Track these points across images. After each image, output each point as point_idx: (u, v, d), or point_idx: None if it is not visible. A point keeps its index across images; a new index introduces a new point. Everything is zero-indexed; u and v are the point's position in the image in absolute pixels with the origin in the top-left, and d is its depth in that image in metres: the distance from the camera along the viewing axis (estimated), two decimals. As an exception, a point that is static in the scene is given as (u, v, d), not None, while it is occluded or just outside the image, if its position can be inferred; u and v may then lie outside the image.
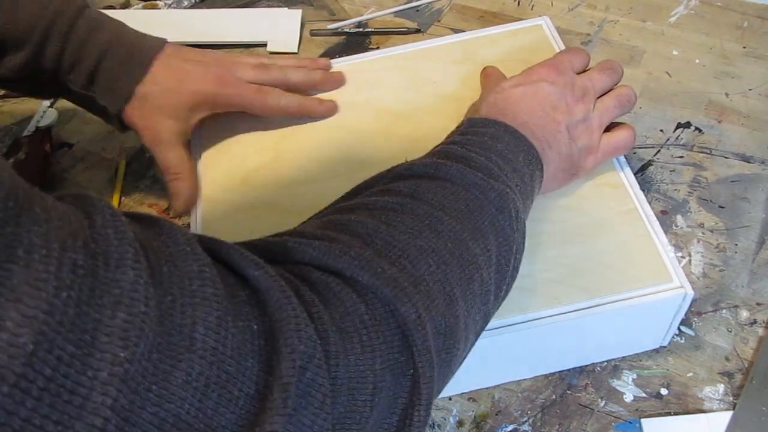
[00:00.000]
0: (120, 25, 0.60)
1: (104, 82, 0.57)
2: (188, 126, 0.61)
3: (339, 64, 0.68)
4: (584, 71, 0.58)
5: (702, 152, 0.71)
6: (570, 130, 0.53)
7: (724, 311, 0.60)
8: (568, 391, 0.57)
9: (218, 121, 0.64)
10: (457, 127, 0.52)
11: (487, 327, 0.49)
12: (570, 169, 0.54)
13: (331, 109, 0.64)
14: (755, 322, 0.59)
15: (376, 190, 0.45)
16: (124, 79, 0.57)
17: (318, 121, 0.64)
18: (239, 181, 0.60)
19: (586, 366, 0.58)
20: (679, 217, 0.66)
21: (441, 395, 0.57)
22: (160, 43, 0.60)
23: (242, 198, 0.59)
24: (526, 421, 0.56)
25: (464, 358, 0.42)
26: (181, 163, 0.60)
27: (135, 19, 0.91)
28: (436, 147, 0.49)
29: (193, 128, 0.61)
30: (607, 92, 0.57)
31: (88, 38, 0.57)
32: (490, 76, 0.61)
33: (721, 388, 0.56)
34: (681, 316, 0.53)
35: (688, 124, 0.73)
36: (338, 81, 0.66)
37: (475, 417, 0.56)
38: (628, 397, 0.56)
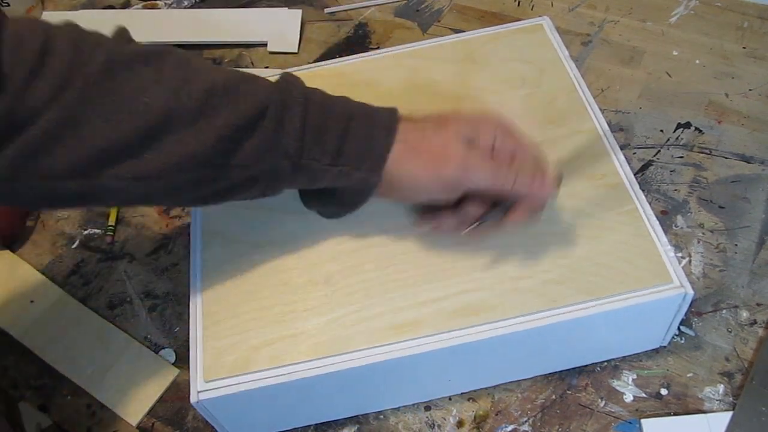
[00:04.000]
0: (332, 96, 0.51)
1: (355, 147, 0.48)
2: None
3: (339, 64, 0.68)
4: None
5: (702, 153, 0.71)
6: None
7: (724, 312, 0.60)
8: (568, 392, 0.57)
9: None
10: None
11: (488, 327, 0.50)
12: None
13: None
14: (755, 322, 0.59)
15: None
16: (380, 138, 0.49)
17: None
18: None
19: (586, 366, 0.58)
20: (679, 218, 0.66)
21: (441, 395, 0.57)
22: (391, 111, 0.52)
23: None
24: (526, 422, 0.56)
25: None
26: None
27: (135, 19, 0.92)
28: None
29: None
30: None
31: (324, 104, 0.49)
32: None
33: (721, 388, 0.56)
34: (681, 316, 0.53)
35: (688, 125, 0.73)
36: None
37: (475, 417, 0.56)
38: (628, 398, 0.56)
